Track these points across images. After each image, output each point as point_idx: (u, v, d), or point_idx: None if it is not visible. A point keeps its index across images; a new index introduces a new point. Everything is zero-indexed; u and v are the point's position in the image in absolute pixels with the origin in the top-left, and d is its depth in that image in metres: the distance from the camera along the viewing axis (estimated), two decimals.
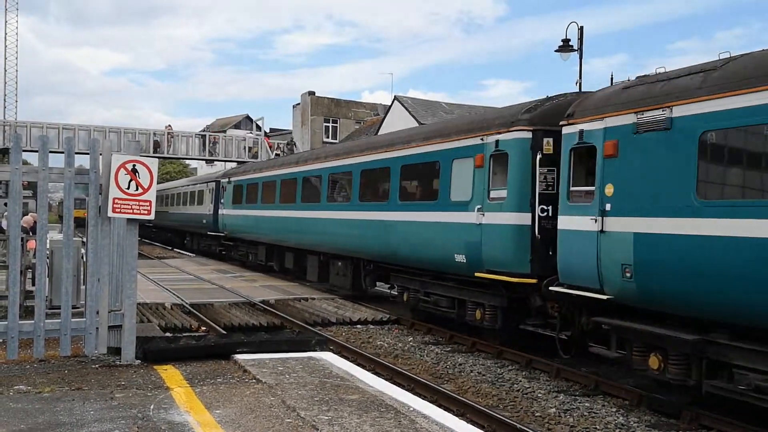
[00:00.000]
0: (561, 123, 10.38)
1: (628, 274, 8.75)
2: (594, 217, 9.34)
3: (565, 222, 10.08)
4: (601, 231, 9.22)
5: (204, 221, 32.61)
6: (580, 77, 21.04)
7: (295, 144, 47.24)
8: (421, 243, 13.96)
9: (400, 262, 15.19)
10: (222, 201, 29.34)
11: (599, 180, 9.35)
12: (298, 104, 55.36)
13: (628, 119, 8.97)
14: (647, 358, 8.75)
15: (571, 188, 10.04)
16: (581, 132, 9.80)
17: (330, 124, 53.14)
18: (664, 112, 8.45)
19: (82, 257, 10.84)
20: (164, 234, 47.44)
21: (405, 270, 15.24)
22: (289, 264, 23.13)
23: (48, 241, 7.92)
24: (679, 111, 8.28)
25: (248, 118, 74.47)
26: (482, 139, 12.22)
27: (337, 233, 18.10)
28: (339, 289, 19.22)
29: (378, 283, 18.43)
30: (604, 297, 9.21)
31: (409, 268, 15.00)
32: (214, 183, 31.78)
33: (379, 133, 37.73)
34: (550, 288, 10.31)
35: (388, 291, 17.55)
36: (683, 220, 8.05)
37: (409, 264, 14.80)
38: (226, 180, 29.20)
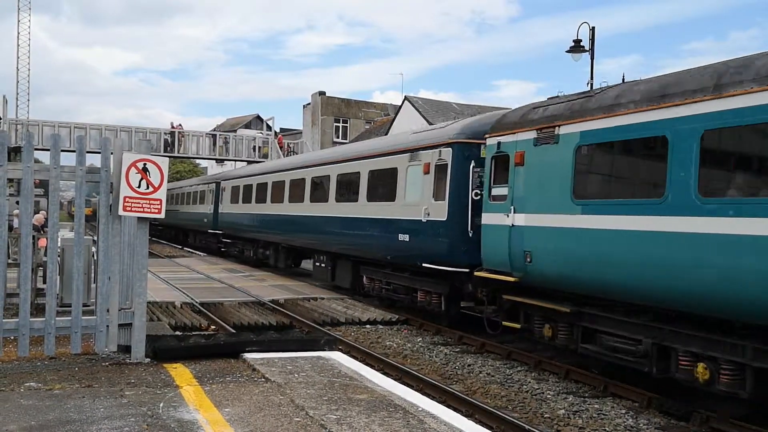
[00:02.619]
0: None
1: None
2: None
3: None
4: None
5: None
6: (592, 78, 21.00)
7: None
8: None
9: None
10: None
11: None
12: (309, 104, 55.51)
13: None
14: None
15: None
16: None
17: (340, 124, 53.24)
18: None
19: (93, 255, 10.91)
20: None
21: None
22: None
23: (59, 239, 7.95)
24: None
25: (258, 118, 74.74)
26: None
27: None
28: None
29: None
30: None
31: None
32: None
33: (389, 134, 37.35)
34: None
35: None
36: None
37: None
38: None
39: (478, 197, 12.80)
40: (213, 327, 14.09)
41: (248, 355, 7.78)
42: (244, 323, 14.40)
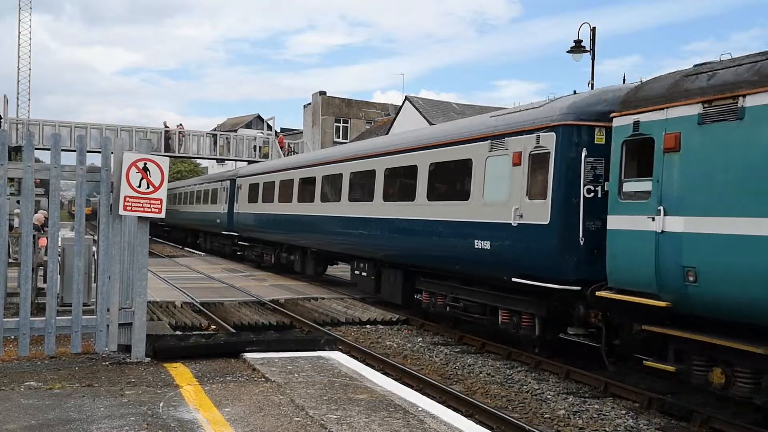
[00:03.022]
0: None
1: None
2: None
3: None
4: None
5: None
6: (593, 78, 21.00)
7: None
8: None
9: None
10: None
11: None
12: (309, 104, 55.53)
13: None
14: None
15: None
16: None
17: (341, 124, 53.28)
18: None
19: (94, 255, 10.91)
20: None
21: None
22: None
23: (59, 238, 7.96)
24: None
25: (259, 117, 74.75)
26: None
27: None
28: None
29: None
30: None
31: None
32: None
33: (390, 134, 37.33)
34: None
35: None
36: None
37: None
38: None
39: (592, 194, 10.31)
40: (213, 327, 14.10)
41: (248, 355, 7.78)
42: (245, 323, 14.40)
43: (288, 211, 22.58)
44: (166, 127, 44.68)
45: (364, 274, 17.58)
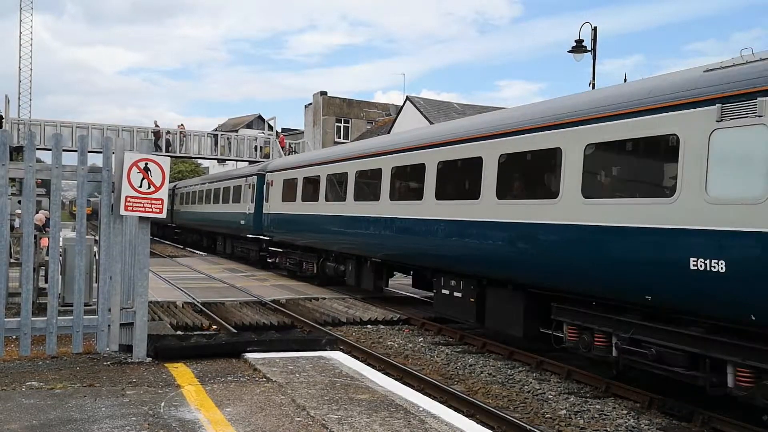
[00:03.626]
0: None
1: None
2: None
3: None
4: None
5: None
6: (594, 78, 21.00)
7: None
8: None
9: None
10: None
11: None
12: (310, 104, 55.58)
13: None
14: None
15: None
16: None
17: (342, 124, 53.33)
18: None
19: (95, 255, 10.93)
20: None
21: None
22: None
23: (61, 238, 7.97)
24: None
25: (260, 117, 74.85)
26: None
27: None
28: None
29: None
30: None
31: None
32: None
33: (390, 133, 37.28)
34: None
35: None
36: None
37: None
38: None
39: None
40: (214, 327, 14.11)
41: (249, 355, 7.79)
42: (246, 323, 14.41)
43: (340, 212, 18.23)
44: (156, 126, 44.44)
45: (456, 294, 13.29)
